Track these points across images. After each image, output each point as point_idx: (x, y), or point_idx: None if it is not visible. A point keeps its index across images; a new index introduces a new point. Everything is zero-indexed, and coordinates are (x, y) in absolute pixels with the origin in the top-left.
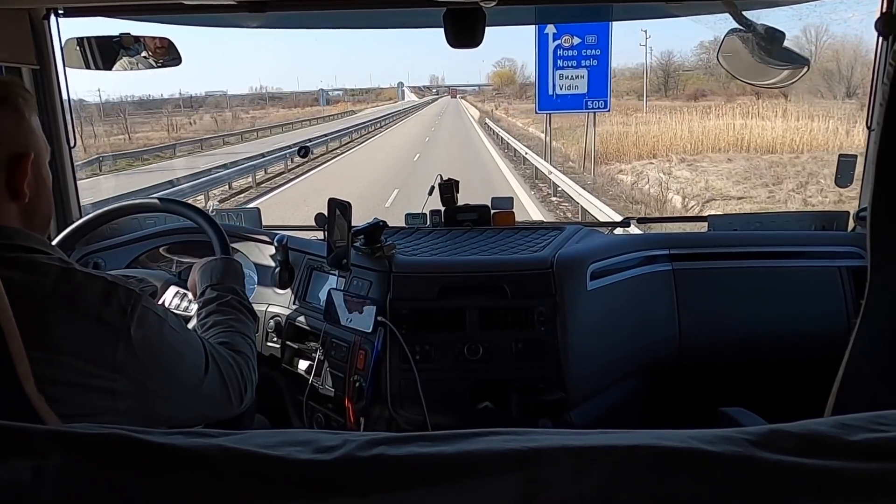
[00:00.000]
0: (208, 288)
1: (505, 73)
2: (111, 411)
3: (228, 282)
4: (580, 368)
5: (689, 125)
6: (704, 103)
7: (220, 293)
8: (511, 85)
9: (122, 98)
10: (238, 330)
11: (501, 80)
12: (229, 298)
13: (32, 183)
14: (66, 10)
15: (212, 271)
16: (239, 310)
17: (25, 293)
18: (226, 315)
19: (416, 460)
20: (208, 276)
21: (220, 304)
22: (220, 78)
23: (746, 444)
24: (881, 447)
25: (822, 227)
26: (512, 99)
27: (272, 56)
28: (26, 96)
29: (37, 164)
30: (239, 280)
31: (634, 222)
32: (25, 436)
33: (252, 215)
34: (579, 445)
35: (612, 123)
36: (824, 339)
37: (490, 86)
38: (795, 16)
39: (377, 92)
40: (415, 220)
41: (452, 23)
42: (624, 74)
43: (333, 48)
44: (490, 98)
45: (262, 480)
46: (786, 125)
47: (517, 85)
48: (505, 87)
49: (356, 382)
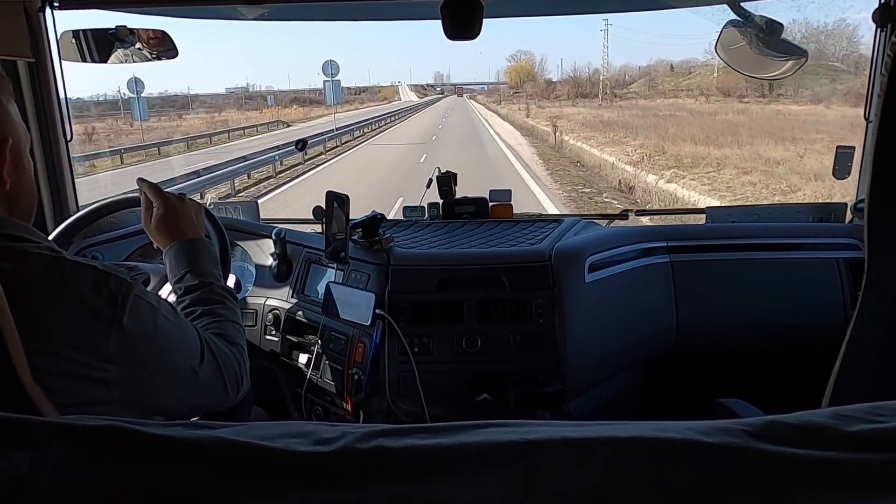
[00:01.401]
0: (188, 273)
1: (523, 68)
2: (105, 401)
3: (206, 264)
4: (578, 360)
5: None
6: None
7: (202, 279)
8: (531, 81)
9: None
10: (228, 318)
11: (519, 75)
12: (212, 285)
13: (13, 170)
14: (61, 3)
15: (187, 254)
16: (224, 297)
17: (14, 283)
18: (213, 304)
19: (415, 452)
20: (184, 260)
21: (206, 293)
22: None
23: (744, 436)
24: (878, 438)
25: (820, 219)
26: (538, 99)
27: (260, 51)
28: (1, 82)
29: (16, 151)
30: (214, 263)
31: (632, 214)
32: (23, 427)
33: (250, 208)
34: (578, 437)
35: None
36: (822, 330)
37: (503, 83)
38: (794, 7)
39: (375, 91)
40: (413, 212)
41: (450, 14)
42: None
43: (330, 43)
44: (508, 98)
45: (261, 472)
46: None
47: (540, 81)
48: (525, 84)
49: (355, 375)
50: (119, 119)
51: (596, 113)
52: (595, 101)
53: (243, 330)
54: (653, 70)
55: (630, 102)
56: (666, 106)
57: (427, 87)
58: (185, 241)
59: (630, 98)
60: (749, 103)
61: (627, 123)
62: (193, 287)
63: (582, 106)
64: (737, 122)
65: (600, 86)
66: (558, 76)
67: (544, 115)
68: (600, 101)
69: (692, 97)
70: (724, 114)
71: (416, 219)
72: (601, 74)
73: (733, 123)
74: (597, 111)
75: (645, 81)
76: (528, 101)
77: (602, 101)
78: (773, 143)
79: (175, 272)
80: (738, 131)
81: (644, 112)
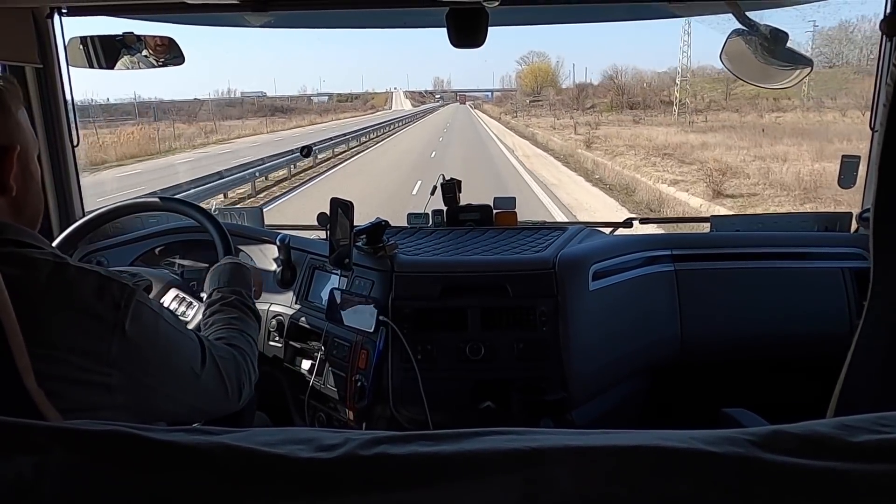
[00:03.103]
0: (214, 290)
1: (541, 70)
2: (108, 406)
3: (234, 285)
4: (582, 368)
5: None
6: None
7: (225, 294)
8: (550, 87)
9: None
10: (238, 327)
11: (536, 79)
12: (233, 299)
13: (19, 176)
14: (69, 10)
15: (220, 275)
16: (241, 309)
17: (19, 288)
18: (227, 314)
19: (418, 459)
20: (216, 280)
21: (224, 304)
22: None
23: (748, 445)
24: (883, 448)
25: (825, 228)
26: (566, 110)
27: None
28: (11, 89)
29: (24, 158)
30: (245, 283)
31: (637, 223)
32: (27, 432)
33: (254, 215)
34: (581, 445)
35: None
36: (827, 340)
37: (511, 90)
38: (799, 16)
39: (366, 97)
40: (417, 219)
41: (455, 23)
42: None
43: (324, 47)
44: (525, 108)
45: (264, 478)
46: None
47: (564, 87)
48: (544, 90)
49: (358, 382)
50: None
51: (675, 133)
52: (653, 114)
53: (255, 341)
54: (723, 73)
55: (715, 116)
56: (776, 123)
57: (426, 94)
58: (222, 263)
59: (712, 110)
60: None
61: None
62: (214, 301)
63: (650, 124)
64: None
65: (675, 94)
66: (577, 81)
67: (591, 135)
68: (676, 116)
69: (791, 109)
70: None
71: (420, 225)
72: (677, 78)
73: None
74: (673, 129)
75: (721, 87)
76: (554, 112)
77: (679, 115)
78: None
79: (206, 290)
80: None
81: (748, 130)
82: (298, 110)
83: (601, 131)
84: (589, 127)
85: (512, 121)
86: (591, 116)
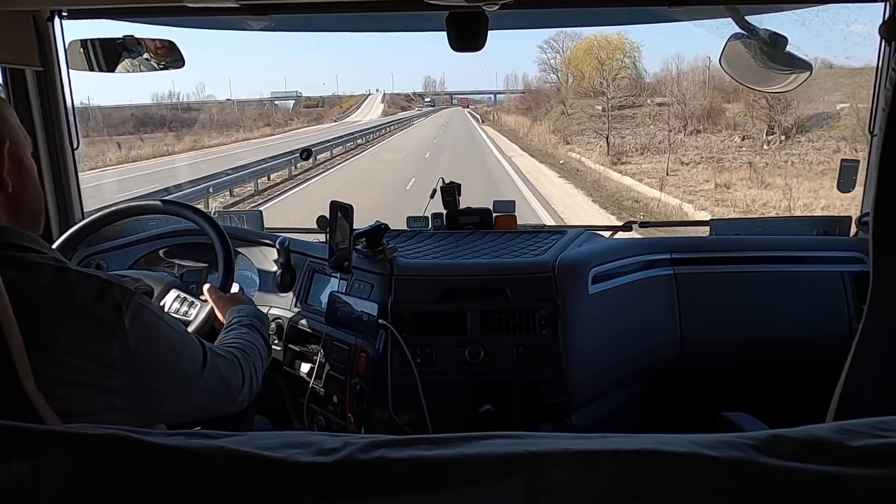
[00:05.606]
0: (235, 317)
1: (616, 45)
2: (109, 409)
3: (253, 319)
4: (581, 372)
5: None
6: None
7: (241, 318)
8: (624, 78)
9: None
10: (245, 337)
11: (602, 65)
12: (247, 322)
13: (14, 172)
14: (69, 13)
15: (240, 311)
16: (251, 327)
17: (19, 292)
18: (238, 330)
19: (417, 463)
20: (237, 311)
21: (238, 325)
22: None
23: (748, 449)
24: (883, 453)
25: (825, 232)
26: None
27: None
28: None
29: (16, 154)
30: (264, 323)
31: (636, 226)
32: (25, 436)
33: (254, 218)
34: (580, 449)
35: None
36: (826, 344)
37: (519, 91)
38: (798, 20)
39: (332, 102)
40: (416, 223)
41: (455, 27)
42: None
43: (297, 41)
44: (594, 119)
45: (263, 482)
46: None
47: (644, 83)
48: (615, 80)
49: (357, 385)
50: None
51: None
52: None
53: (261, 353)
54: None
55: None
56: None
57: (414, 97)
58: (245, 306)
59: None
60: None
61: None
62: (230, 324)
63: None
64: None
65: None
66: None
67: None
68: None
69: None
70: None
71: (420, 229)
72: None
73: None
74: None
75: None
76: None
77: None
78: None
79: (227, 319)
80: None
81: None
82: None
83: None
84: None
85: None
86: (721, 135)
